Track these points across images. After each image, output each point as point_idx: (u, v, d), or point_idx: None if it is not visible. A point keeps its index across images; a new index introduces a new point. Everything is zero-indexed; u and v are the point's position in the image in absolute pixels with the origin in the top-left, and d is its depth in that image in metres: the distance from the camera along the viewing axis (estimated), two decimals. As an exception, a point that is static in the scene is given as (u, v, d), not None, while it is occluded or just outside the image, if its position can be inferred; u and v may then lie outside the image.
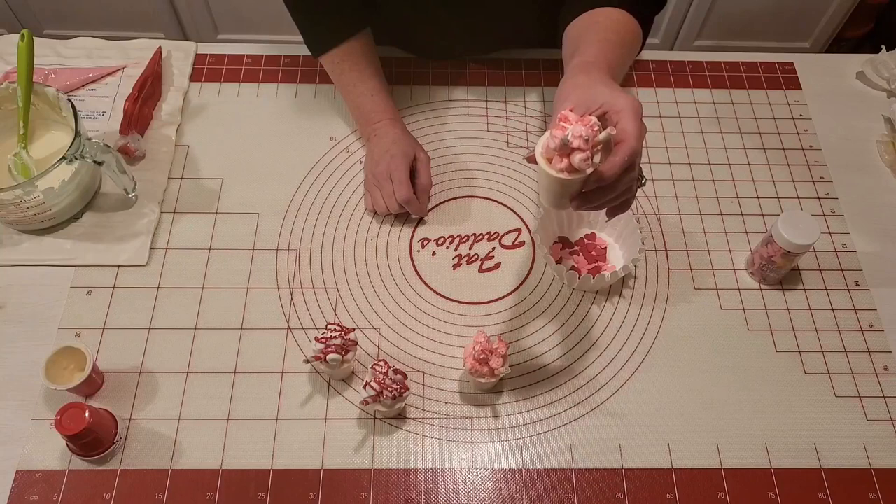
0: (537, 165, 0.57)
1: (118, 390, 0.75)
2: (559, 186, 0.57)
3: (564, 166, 0.55)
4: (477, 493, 0.70)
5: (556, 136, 0.54)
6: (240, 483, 0.70)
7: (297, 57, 1.01)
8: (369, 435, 0.73)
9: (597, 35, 0.73)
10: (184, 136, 0.94)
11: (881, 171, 0.94)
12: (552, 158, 0.56)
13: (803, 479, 0.72)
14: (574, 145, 0.54)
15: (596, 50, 0.70)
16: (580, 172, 0.55)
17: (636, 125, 0.58)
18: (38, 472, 0.70)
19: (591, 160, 0.55)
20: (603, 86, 0.61)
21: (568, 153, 0.54)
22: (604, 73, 0.65)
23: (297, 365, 0.77)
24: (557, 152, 0.55)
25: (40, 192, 0.78)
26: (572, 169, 0.55)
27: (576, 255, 0.84)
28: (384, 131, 0.87)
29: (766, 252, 0.79)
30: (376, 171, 0.86)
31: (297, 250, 0.85)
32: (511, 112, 0.98)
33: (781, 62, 1.04)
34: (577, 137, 0.53)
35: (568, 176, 0.55)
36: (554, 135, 0.54)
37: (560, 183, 0.56)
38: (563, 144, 0.54)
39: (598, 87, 0.61)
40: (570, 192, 0.59)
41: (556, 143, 0.54)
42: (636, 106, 0.59)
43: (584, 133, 0.53)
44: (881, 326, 0.81)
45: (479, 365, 0.69)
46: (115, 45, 1.02)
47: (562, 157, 0.55)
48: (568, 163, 0.55)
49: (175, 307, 0.80)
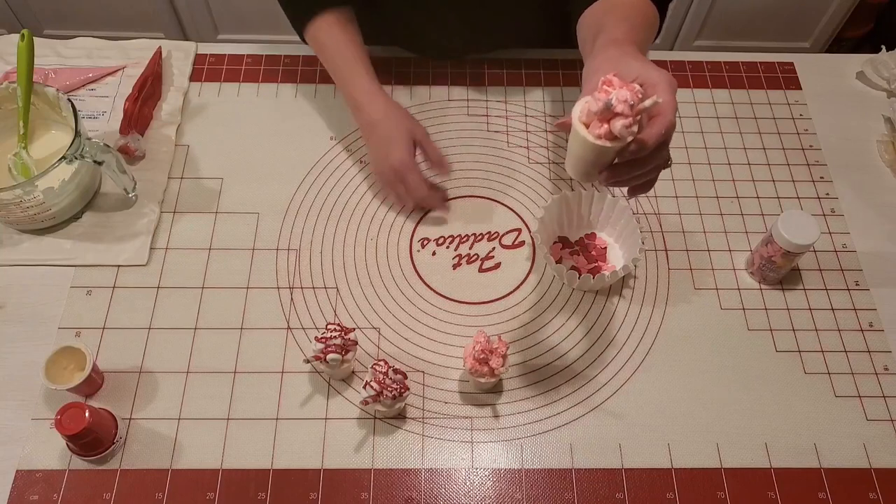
0: (571, 132, 0.55)
1: (118, 390, 0.75)
2: (594, 154, 0.55)
3: (603, 132, 0.52)
4: (477, 493, 0.70)
5: (599, 99, 0.51)
6: (240, 483, 0.70)
7: (297, 57, 1.01)
8: (369, 435, 0.73)
9: (621, 15, 0.72)
10: (184, 136, 0.94)
11: (881, 171, 0.94)
12: (590, 124, 0.53)
13: (803, 479, 0.72)
14: (617, 110, 0.51)
15: (623, 29, 0.69)
16: (619, 140, 0.53)
17: (672, 98, 0.56)
18: (38, 472, 0.70)
19: (632, 127, 0.52)
20: (634, 59, 0.60)
21: (609, 118, 0.52)
22: (634, 48, 0.64)
23: (297, 365, 0.77)
24: (598, 117, 0.52)
25: (40, 192, 0.78)
26: (611, 136, 0.53)
27: (576, 255, 0.84)
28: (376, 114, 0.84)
29: (766, 252, 0.79)
30: (382, 170, 0.85)
31: (297, 250, 0.85)
32: (511, 112, 0.98)
33: (781, 62, 1.04)
34: (622, 102, 0.51)
35: (607, 143, 0.53)
36: (598, 97, 0.52)
37: (596, 150, 0.54)
38: (605, 108, 0.51)
39: (630, 60, 0.60)
40: (604, 161, 0.56)
41: (600, 105, 0.51)
42: (671, 80, 0.57)
43: (630, 98, 0.51)
44: (881, 326, 0.81)
45: (479, 365, 0.69)
46: (115, 45, 1.02)
47: (602, 121, 0.52)
48: (607, 129, 0.52)
49: (175, 307, 0.80)
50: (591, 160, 0.56)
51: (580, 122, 0.54)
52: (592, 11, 0.76)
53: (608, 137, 0.53)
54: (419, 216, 0.88)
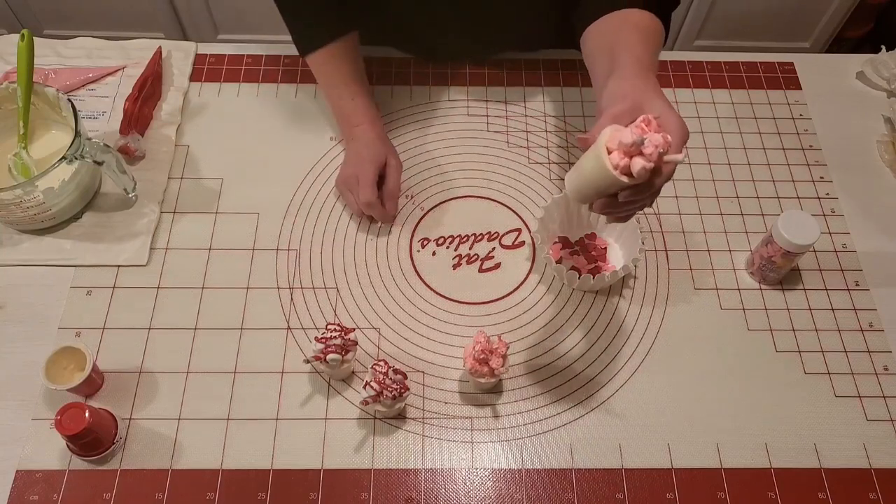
0: (589, 152, 0.56)
1: (118, 390, 0.75)
2: (604, 182, 0.56)
3: (622, 165, 0.54)
4: (477, 493, 0.70)
5: (634, 134, 0.53)
6: (240, 483, 0.70)
7: (296, 57, 1.01)
8: (369, 435, 0.73)
9: (637, 36, 0.72)
10: (184, 136, 0.94)
11: (881, 171, 0.94)
12: (612, 152, 0.55)
13: (803, 479, 0.72)
14: (646, 151, 0.53)
15: (642, 50, 0.69)
16: (631, 178, 0.54)
17: (681, 150, 0.58)
18: (38, 472, 0.70)
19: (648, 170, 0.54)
20: (659, 99, 0.61)
21: (633, 155, 0.54)
22: (656, 83, 0.65)
23: (297, 365, 0.77)
24: (623, 149, 0.54)
25: (40, 192, 0.78)
26: (627, 171, 0.54)
27: (576, 255, 0.84)
28: (360, 135, 0.87)
29: (766, 252, 0.79)
30: (345, 173, 0.86)
31: (297, 250, 0.85)
32: (511, 112, 0.98)
33: (781, 62, 1.04)
34: (653, 146, 0.53)
35: (622, 177, 0.54)
36: (633, 132, 0.53)
37: (608, 180, 0.55)
38: (635, 145, 0.53)
39: (654, 97, 0.61)
40: (607, 191, 0.58)
41: (634, 139, 0.53)
42: (685, 133, 0.59)
43: (661, 146, 0.53)
44: (881, 326, 0.81)
45: (479, 365, 0.69)
46: (115, 45, 1.02)
47: (624, 155, 0.54)
48: (627, 164, 0.54)
49: (175, 307, 0.80)
50: (597, 186, 0.57)
51: (604, 147, 0.55)
52: (601, 26, 0.76)
53: (624, 172, 0.54)
54: (420, 216, 0.88)
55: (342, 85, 0.88)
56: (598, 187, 0.57)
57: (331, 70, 0.88)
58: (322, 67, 0.88)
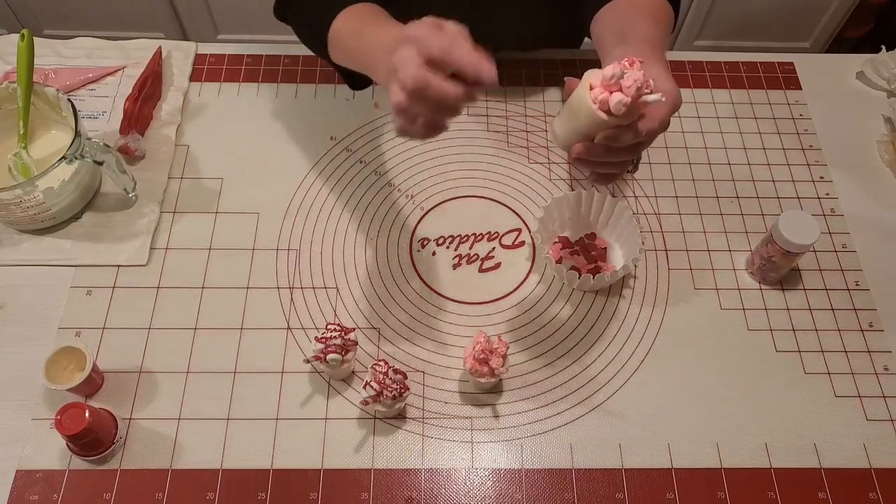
0: (573, 93, 0.57)
1: (118, 390, 0.75)
2: (584, 118, 0.57)
3: (602, 99, 0.55)
4: (477, 493, 0.70)
5: (615, 67, 0.54)
6: (240, 483, 0.70)
7: (297, 57, 1.01)
8: (369, 435, 0.73)
9: (649, 16, 0.73)
10: (184, 136, 0.94)
11: (881, 171, 0.94)
12: (594, 88, 0.56)
13: (803, 479, 0.72)
14: (625, 84, 0.54)
15: (653, 30, 0.70)
16: (610, 115, 0.55)
17: (667, 113, 0.59)
18: (38, 472, 0.70)
19: (627, 108, 0.55)
20: (659, 66, 0.62)
21: (613, 90, 0.55)
22: (662, 54, 0.66)
23: (297, 365, 0.77)
24: (603, 83, 0.55)
25: (40, 192, 0.78)
26: (606, 107, 0.55)
27: (576, 255, 0.84)
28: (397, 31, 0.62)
29: (766, 252, 0.79)
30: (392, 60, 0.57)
31: (297, 250, 0.85)
32: (511, 112, 0.98)
33: (781, 62, 1.04)
34: (633, 81, 0.54)
35: (600, 112, 0.55)
36: (615, 66, 0.54)
37: (587, 115, 0.56)
38: (615, 77, 0.54)
39: (656, 64, 0.61)
40: (586, 131, 0.58)
41: (615, 72, 0.54)
42: (678, 98, 0.60)
43: (640, 82, 0.54)
44: (881, 326, 0.81)
45: (479, 365, 0.69)
46: (115, 45, 1.02)
47: (605, 89, 0.55)
48: (607, 98, 0.55)
49: (175, 307, 0.80)
50: (578, 126, 0.58)
51: (587, 83, 0.56)
52: (611, 9, 0.77)
53: (603, 108, 0.56)
54: (420, 216, 0.88)
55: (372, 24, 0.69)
56: (580, 127, 0.58)
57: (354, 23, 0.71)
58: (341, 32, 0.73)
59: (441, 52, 0.53)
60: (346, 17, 0.73)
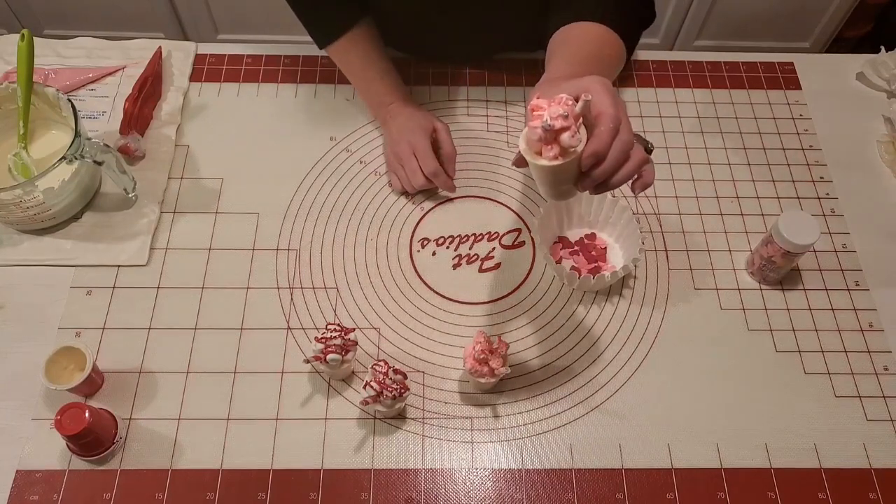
0: (528, 167, 0.56)
1: (118, 390, 0.75)
2: (554, 175, 0.56)
3: (555, 153, 0.53)
4: (477, 493, 0.70)
5: (535, 126, 0.53)
6: (240, 483, 0.70)
7: (297, 57, 1.01)
8: (369, 435, 0.73)
9: (568, 51, 0.73)
10: (184, 136, 0.94)
11: (881, 171, 0.94)
12: (540, 152, 0.54)
13: (803, 479, 0.72)
14: (557, 126, 0.52)
15: (563, 68, 0.69)
16: (571, 154, 0.54)
17: (608, 96, 0.56)
18: (38, 472, 0.70)
19: (578, 134, 0.53)
20: (564, 82, 0.59)
21: (554, 138, 0.53)
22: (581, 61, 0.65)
23: (297, 365, 0.77)
24: (543, 141, 0.53)
25: (40, 192, 0.78)
26: (564, 152, 0.53)
27: (576, 255, 0.84)
28: (398, 111, 0.88)
29: (766, 252, 0.79)
30: (398, 149, 0.86)
31: (297, 250, 0.85)
32: (511, 112, 0.98)
33: (781, 62, 1.04)
34: (557, 118, 0.52)
35: (562, 160, 0.54)
36: (533, 125, 0.53)
37: (555, 171, 0.55)
38: (545, 130, 0.52)
39: (559, 82, 0.59)
40: (569, 177, 0.57)
41: (538, 131, 0.52)
42: (601, 79, 0.57)
43: (562, 111, 0.52)
44: (881, 326, 0.81)
45: (479, 365, 0.69)
46: (115, 45, 1.02)
47: (549, 144, 0.53)
48: (558, 148, 0.53)
49: (175, 307, 0.80)
50: (556, 181, 0.57)
51: (531, 153, 0.55)
52: (555, 39, 0.77)
53: (562, 154, 0.54)
54: (420, 216, 0.88)
55: (369, 67, 0.88)
56: (561, 180, 0.57)
57: (355, 56, 0.88)
58: (345, 56, 0.89)
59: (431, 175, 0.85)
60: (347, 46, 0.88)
